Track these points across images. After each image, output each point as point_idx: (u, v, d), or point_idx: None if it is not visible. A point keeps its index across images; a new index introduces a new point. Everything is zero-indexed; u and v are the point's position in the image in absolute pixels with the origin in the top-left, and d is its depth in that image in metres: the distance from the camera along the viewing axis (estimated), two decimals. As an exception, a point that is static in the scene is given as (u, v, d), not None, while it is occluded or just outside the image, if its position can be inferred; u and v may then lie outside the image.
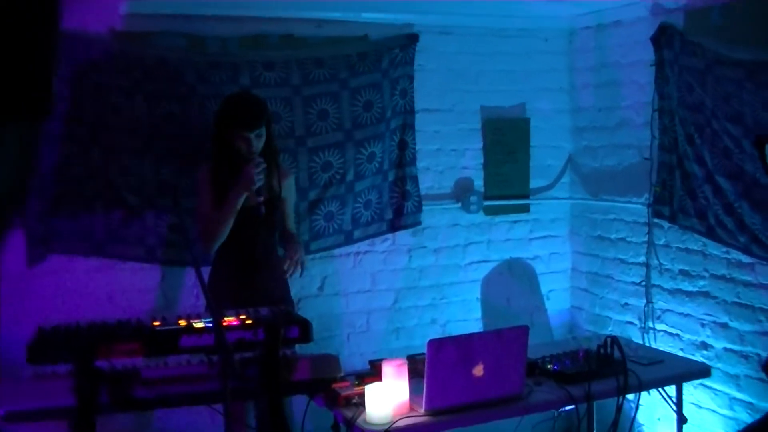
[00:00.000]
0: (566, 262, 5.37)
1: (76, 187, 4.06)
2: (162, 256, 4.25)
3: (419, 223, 4.87)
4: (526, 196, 5.23)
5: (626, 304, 4.86)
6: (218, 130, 3.75)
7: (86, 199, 4.08)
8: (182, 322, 2.93)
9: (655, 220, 4.57)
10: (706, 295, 4.31)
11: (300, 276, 4.16)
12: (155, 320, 2.97)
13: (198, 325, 2.90)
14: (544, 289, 5.33)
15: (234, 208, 3.69)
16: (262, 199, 3.67)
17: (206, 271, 3.72)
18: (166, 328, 2.90)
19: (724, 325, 4.20)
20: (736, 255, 4.09)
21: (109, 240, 4.15)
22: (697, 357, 4.30)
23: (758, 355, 4.00)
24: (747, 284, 4.07)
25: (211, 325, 2.84)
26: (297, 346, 3.44)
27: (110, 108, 4.07)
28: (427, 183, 4.91)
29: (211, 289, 3.76)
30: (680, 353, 4.35)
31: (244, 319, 2.98)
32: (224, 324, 2.88)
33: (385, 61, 4.59)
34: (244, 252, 3.79)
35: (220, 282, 3.81)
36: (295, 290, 4.17)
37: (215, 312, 2.76)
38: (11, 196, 0.66)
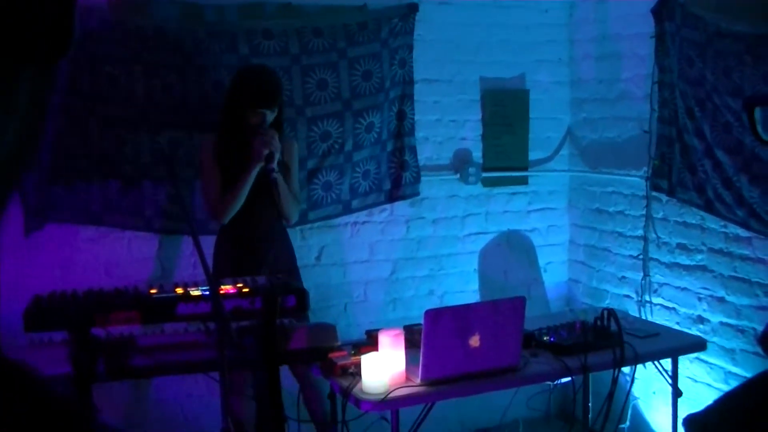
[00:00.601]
0: (564, 234, 5.37)
1: (73, 159, 4.04)
2: (160, 225, 4.25)
3: (417, 194, 4.86)
4: (525, 168, 5.21)
5: (623, 277, 4.86)
6: (231, 105, 3.73)
7: (83, 171, 4.07)
8: (179, 290, 2.93)
9: (654, 194, 4.56)
10: (703, 269, 4.31)
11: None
12: (152, 288, 2.97)
13: (195, 292, 2.90)
14: (541, 262, 5.33)
15: (248, 183, 3.67)
16: (273, 165, 3.66)
17: (204, 239, 3.70)
18: (163, 295, 2.90)
19: (721, 299, 4.20)
20: (734, 229, 4.08)
21: (106, 210, 4.14)
22: (693, 331, 4.30)
23: (754, 329, 4.01)
24: (744, 258, 4.07)
25: (208, 293, 2.84)
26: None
27: (107, 80, 4.05)
28: (425, 154, 4.90)
29: (216, 262, 3.76)
30: (676, 327, 4.36)
31: (241, 288, 2.98)
32: (221, 292, 2.88)
33: (384, 30, 4.56)
34: (250, 224, 3.77)
35: (225, 254, 3.80)
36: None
37: (212, 280, 2.76)
38: (21, 152, 0.64)
